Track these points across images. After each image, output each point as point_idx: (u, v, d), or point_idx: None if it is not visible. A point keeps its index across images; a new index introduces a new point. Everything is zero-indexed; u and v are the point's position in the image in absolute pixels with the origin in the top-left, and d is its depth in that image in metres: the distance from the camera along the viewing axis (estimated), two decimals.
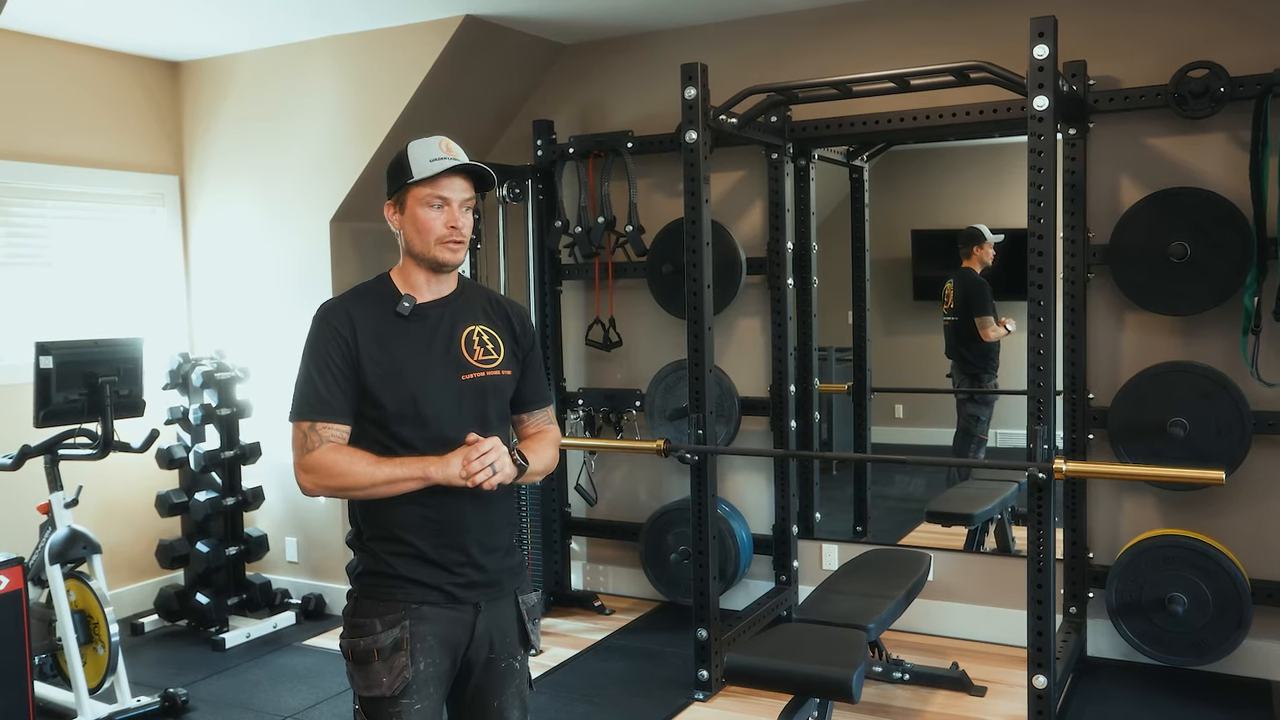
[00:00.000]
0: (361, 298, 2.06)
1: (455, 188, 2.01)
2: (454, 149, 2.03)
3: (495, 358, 2.08)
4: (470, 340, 2.06)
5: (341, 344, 1.98)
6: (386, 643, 1.96)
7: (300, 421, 1.97)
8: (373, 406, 1.99)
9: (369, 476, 1.93)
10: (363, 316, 2.01)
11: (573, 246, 4.74)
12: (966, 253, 5.42)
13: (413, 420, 1.98)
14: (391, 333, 2.01)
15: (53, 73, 4.57)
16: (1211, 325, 3.75)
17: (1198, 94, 3.63)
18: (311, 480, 1.96)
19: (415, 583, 1.99)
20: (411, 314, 2.02)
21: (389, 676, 1.95)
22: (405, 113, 4.45)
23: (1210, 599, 3.61)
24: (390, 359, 1.99)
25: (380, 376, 1.98)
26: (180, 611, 4.57)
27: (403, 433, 1.98)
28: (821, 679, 2.76)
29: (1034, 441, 3.17)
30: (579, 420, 4.84)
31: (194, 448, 4.48)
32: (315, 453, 1.95)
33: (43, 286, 4.56)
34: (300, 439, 1.97)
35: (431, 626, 1.99)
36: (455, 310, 2.08)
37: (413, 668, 1.96)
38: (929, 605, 4.22)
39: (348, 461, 1.94)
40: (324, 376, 1.97)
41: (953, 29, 4.12)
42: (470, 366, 2.04)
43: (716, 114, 3.73)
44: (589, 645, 4.32)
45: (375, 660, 1.96)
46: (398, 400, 1.98)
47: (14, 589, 3.20)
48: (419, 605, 1.98)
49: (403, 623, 1.97)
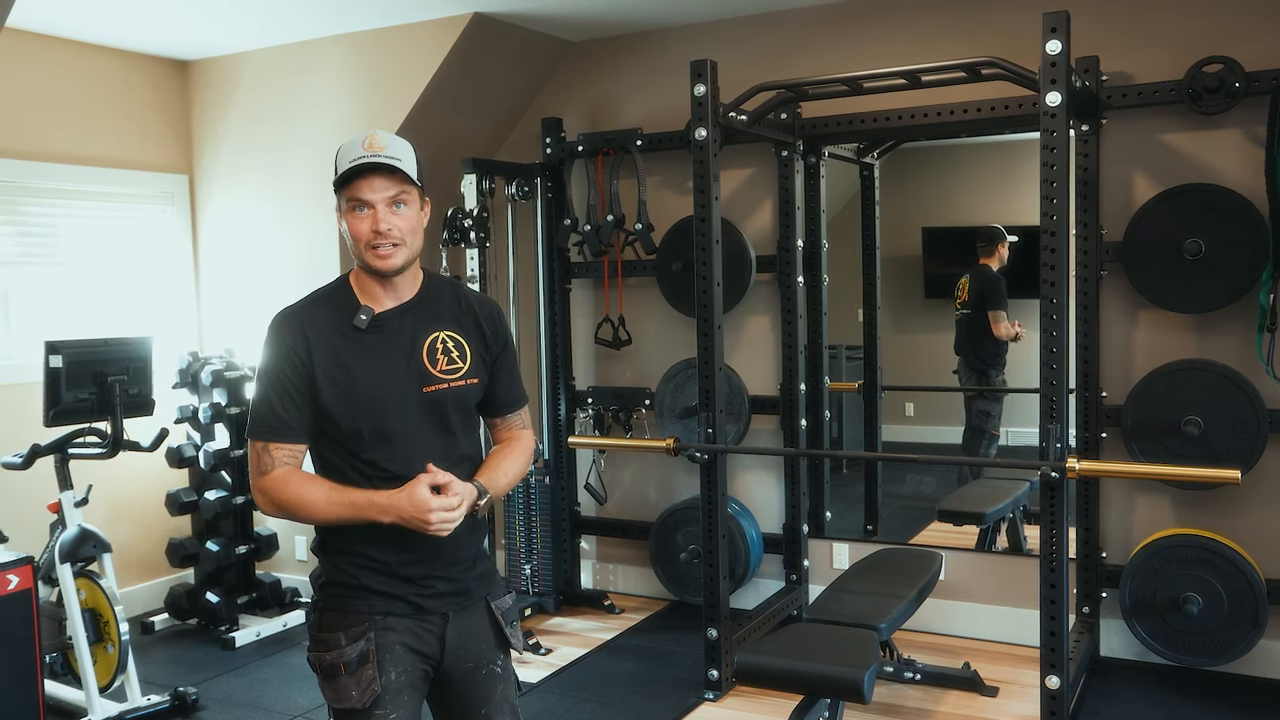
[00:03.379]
0: (318, 309, 1.97)
1: (375, 188, 1.87)
2: (380, 143, 1.88)
3: (460, 366, 1.99)
4: (433, 349, 1.97)
5: (295, 361, 1.90)
6: (352, 656, 1.91)
7: (254, 440, 1.92)
8: (331, 425, 1.92)
9: (325, 509, 1.88)
10: (318, 331, 1.92)
11: (582, 244, 4.73)
12: (987, 250, 5.42)
13: (373, 440, 1.92)
14: (348, 347, 1.92)
15: (63, 72, 4.57)
16: (1226, 323, 3.72)
17: (1212, 89, 3.60)
18: (266, 502, 1.92)
19: (380, 594, 1.93)
20: (369, 326, 1.93)
21: (358, 690, 1.90)
22: (414, 110, 4.45)
23: (1225, 599, 3.58)
24: (347, 376, 1.91)
25: (337, 396, 1.90)
26: (190, 610, 4.58)
27: (363, 452, 1.92)
28: (832, 679, 2.74)
29: (1046, 440, 3.15)
30: (588, 419, 4.83)
31: (203, 446, 4.48)
32: (270, 475, 1.90)
33: (53, 285, 4.57)
34: (255, 458, 1.92)
35: (398, 636, 1.94)
36: (417, 317, 1.98)
37: (382, 678, 1.91)
38: (941, 605, 4.20)
39: (301, 491, 1.89)
40: (278, 395, 1.90)
41: (964, 25, 4.09)
42: (432, 378, 1.96)
43: (726, 111, 3.71)
44: (598, 644, 4.30)
45: (343, 674, 1.91)
46: (356, 419, 1.91)
47: (25, 588, 3.20)
48: (384, 616, 1.93)
49: (368, 635, 1.92)
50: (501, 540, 4.81)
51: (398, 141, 1.93)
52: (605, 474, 4.87)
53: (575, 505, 4.91)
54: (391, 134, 1.94)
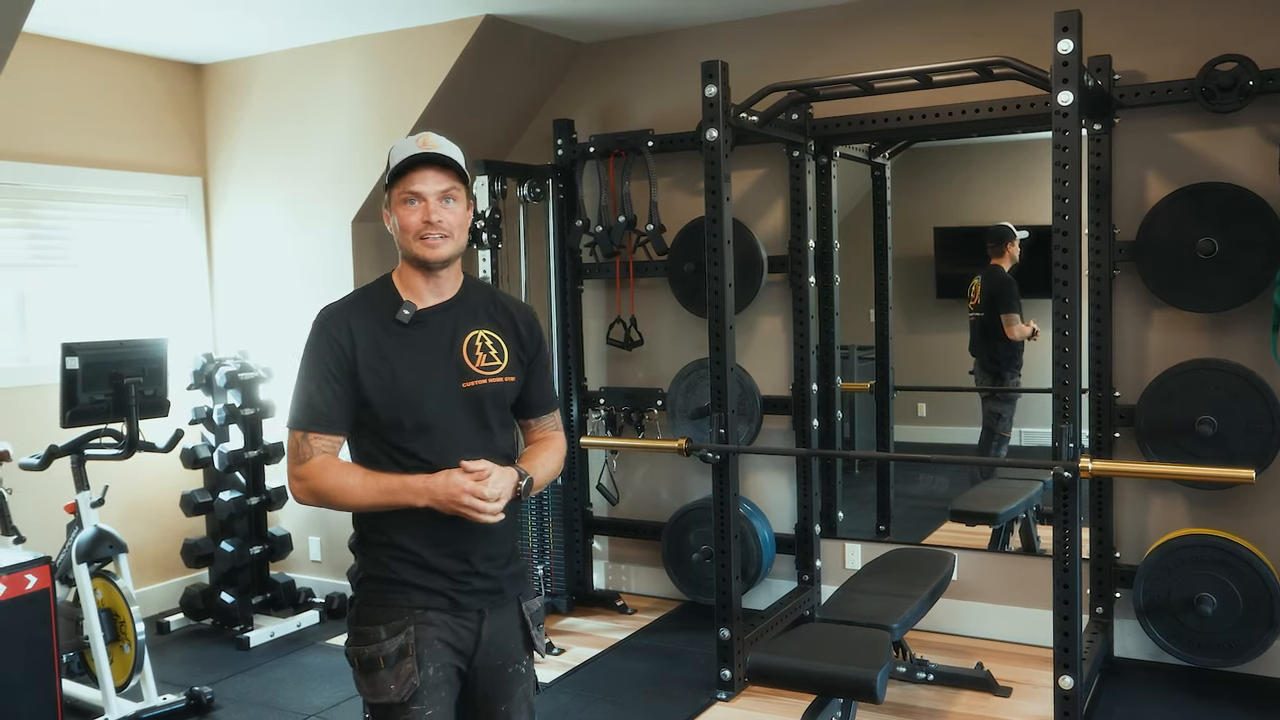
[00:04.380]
0: (362, 304, 2.03)
1: (428, 180, 1.97)
2: (433, 142, 1.98)
3: (498, 364, 2.04)
4: (473, 346, 2.03)
5: (339, 354, 1.95)
6: (392, 649, 1.93)
7: (294, 430, 1.96)
8: (371, 416, 1.96)
9: (361, 494, 1.91)
10: (362, 325, 1.98)
11: (593, 245, 4.74)
12: (997, 250, 5.39)
13: (413, 431, 1.95)
14: (391, 341, 1.98)
15: (78, 76, 4.61)
16: (1240, 322, 3.71)
17: (1226, 88, 3.59)
18: (303, 489, 1.94)
19: (419, 589, 1.96)
20: (412, 321, 1.99)
21: (396, 683, 1.92)
22: (426, 112, 4.46)
23: (1240, 599, 3.56)
24: (390, 369, 1.95)
25: (379, 387, 1.95)
26: (205, 610, 4.60)
27: (403, 443, 1.96)
28: (845, 679, 2.74)
29: (1059, 440, 3.14)
30: (600, 419, 4.84)
31: (218, 448, 4.51)
32: (309, 463, 1.93)
33: (69, 288, 4.60)
34: (294, 447, 1.95)
35: (437, 632, 1.96)
36: (457, 314, 2.04)
37: (420, 673, 1.94)
38: (953, 605, 4.19)
39: (339, 478, 1.91)
40: (320, 387, 1.94)
41: (975, 24, 4.09)
42: (472, 374, 2.01)
43: (737, 112, 3.72)
44: (611, 645, 4.31)
45: (382, 668, 1.93)
46: (397, 411, 1.95)
47: (42, 588, 3.22)
48: (423, 611, 1.96)
49: (407, 629, 1.94)
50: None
51: (448, 143, 2.02)
52: (617, 474, 4.88)
53: (587, 506, 4.92)
54: (442, 137, 2.03)
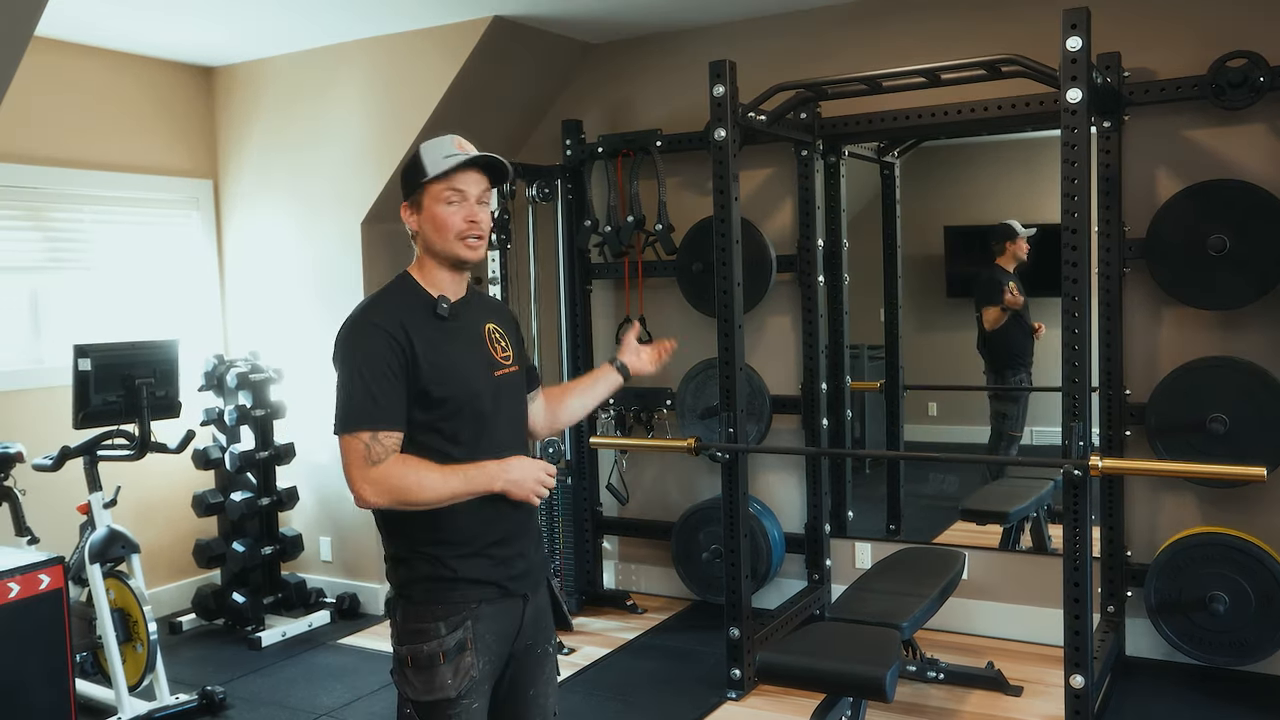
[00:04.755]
0: (399, 301, 2.03)
1: (470, 181, 2.01)
2: (467, 146, 2.03)
3: (510, 355, 2.12)
4: (492, 338, 2.10)
5: (398, 350, 1.93)
6: (451, 644, 1.95)
7: (359, 432, 1.90)
8: (426, 408, 1.96)
9: (443, 485, 1.92)
10: (411, 320, 1.98)
11: (602, 245, 4.75)
12: (999, 249, 5.36)
13: (469, 417, 1.99)
14: (438, 334, 2.00)
15: (89, 80, 4.63)
16: (1251, 319, 3.69)
17: (1236, 84, 3.57)
18: (376, 491, 1.90)
19: (474, 582, 1.98)
20: (449, 314, 2.03)
21: (454, 678, 1.94)
22: (435, 114, 4.48)
23: (1252, 598, 3.55)
24: (445, 358, 1.98)
25: (438, 379, 1.96)
26: (217, 610, 4.63)
27: (459, 432, 1.99)
28: (855, 678, 2.74)
29: (1070, 438, 3.13)
30: (610, 419, 4.85)
31: (229, 448, 4.53)
32: (383, 465, 1.89)
33: (81, 290, 4.63)
34: (362, 450, 1.90)
35: (489, 624, 1.99)
36: (475, 310, 2.11)
37: (478, 667, 1.97)
38: (964, 604, 4.19)
39: (418, 474, 1.91)
40: (381, 384, 1.91)
41: (983, 22, 4.08)
42: (498, 363, 2.08)
43: (745, 111, 3.72)
44: (621, 644, 4.32)
45: (441, 663, 1.94)
46: (457, 399, 1.98)
47: (55, 588, 3.24)
48: (478, 604, 1.98)
49: (466, 624, 1.96)
50: None
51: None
52: (627, 474, 4.88)
53: (597, 505, 4.92)
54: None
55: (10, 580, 3.13)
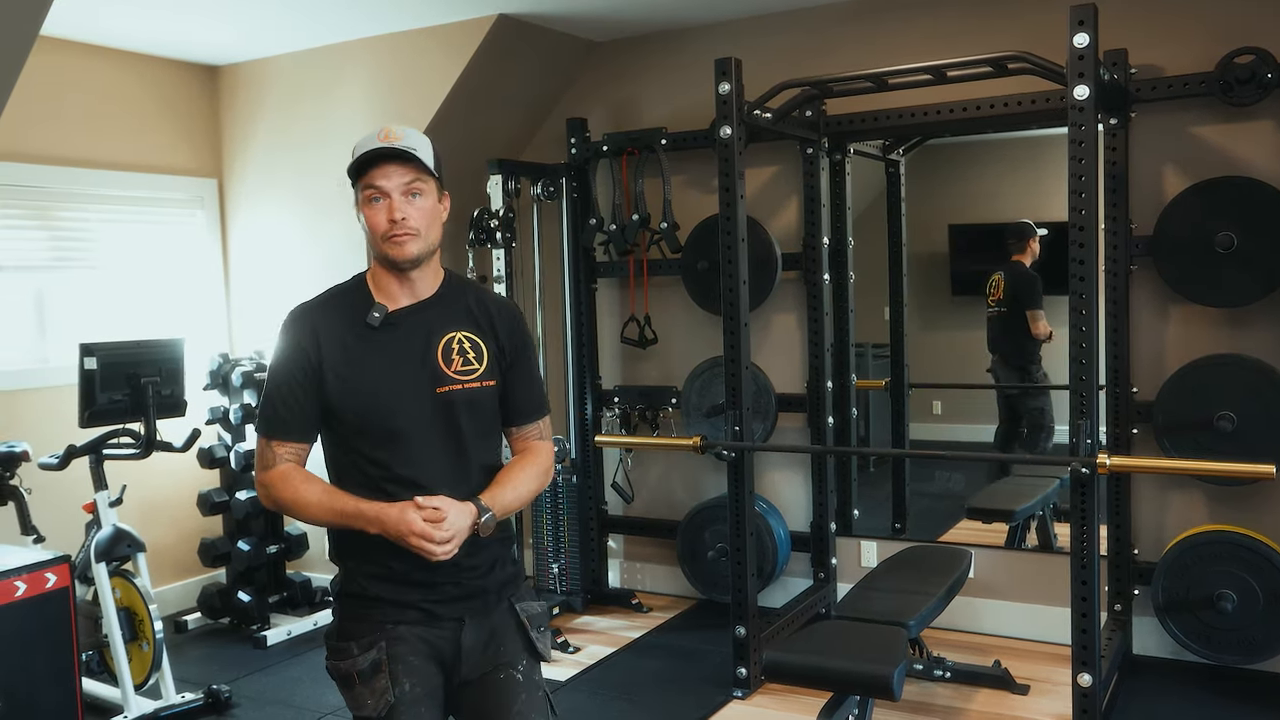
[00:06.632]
0: (331, 306, 1.96)
1: (390, 175, 1.86)
2: (394, 134, 1.88)
3: (475, 368, 1.94)
4: (449, 349, 1.93)
5: (303, 358, 1.89)
6: (365, 665, 1.88)
7: (260, 436, 1.94)
8: (339, 423, 1.91)
9: (317, 512, 1.88)
10: (329, 327, 1.91)
11: (607, 244, 4.74)
12: (1018, 246, 5.35)
13: (381, 439, 1.89)
14: (360, 344, 1.90)
15: (94, 78, 4.64)
16: (1259, 316, 3.68)
17: (1244, 80, 3.56)
18: (265, 496, 1.92)
19: (390, 603, 1.91)
20: (382, 324, 1.91)
21: (373, 699, 1.88)
22: (440, 112, 4.47)
23: (1260, 596, 3.53)
24: (356, 374, 1.89)
25: (345, 392, 1.88)
26: (222, 609, 4.63)
27: (371, 452, 1.89)
28: (862, 676, 2.73)
29: (1077, 435, 3.13)
30: (615, 418, 4.84)
31: (234, 447, 4.53)
32: (270, 471, 1.91)
33: (87, 289, 4.63)
34: (260, 452, 1.94)
35: (410, 646, 1.90)
36: (433, 316, 1.95)
37: (396, 689, 1.88)
38: (970, 603, 4.18)
39: (299, 490, 1.88)
40: (283, 393, 1.90)
41: (989, 19, 4.06)
42: (446, 378, 1.91)
43: (751, 109, 3.71)
44: (626, 643, 4.31)
45: (357, 684, 1.89)
46: (363, 416, 1.89)
47: (61, 586, 3.24)
48: (395, 625, 1.90)
49: (379, 644, 1.89)
50: (529, 539, 4.84)
51: (414, 134, 1.92)
52: (632, 473, 4.88)
53: (602, 504, 4.92)
54: (409, 128, 1.93)
55: (17, 579, 3.13)
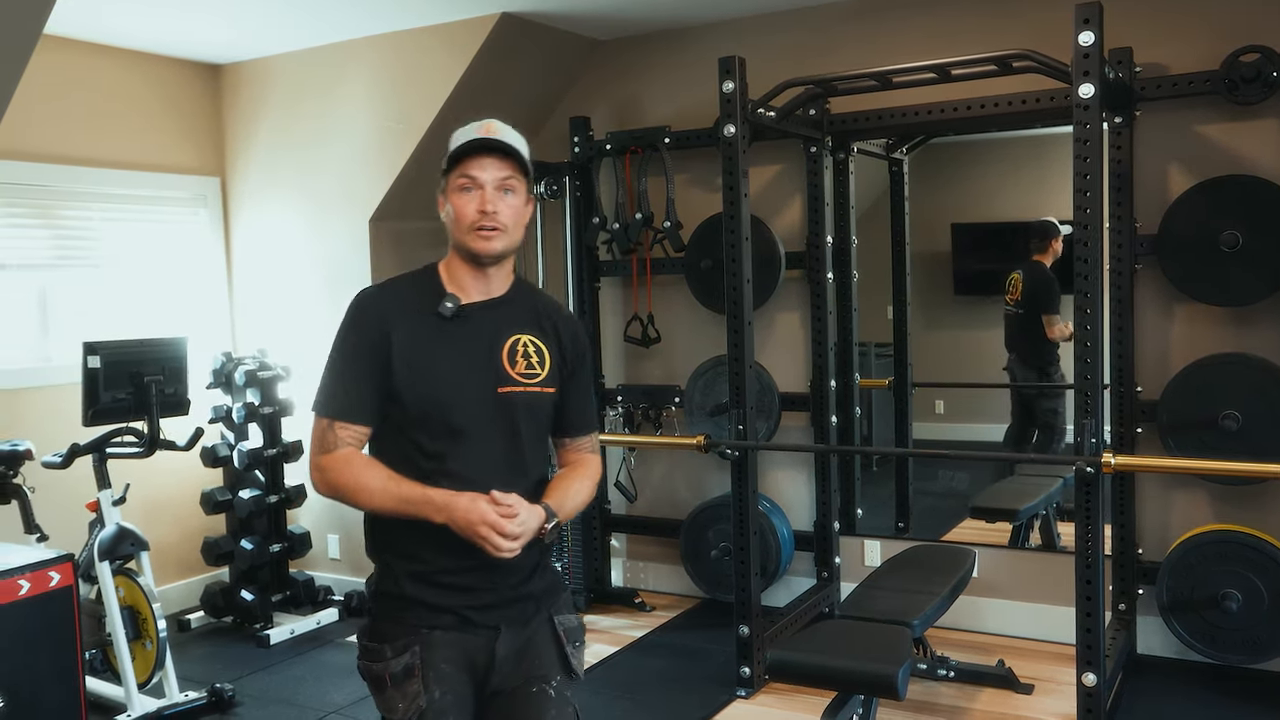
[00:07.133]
0: (402, 291, 1.94)
1: (486, 167, 1.86)
2: (496, 129, 1.89)
3: (538, 373, 1.93)
4: (514, 350, 1.92)
5: (373, 342, 1.86)
6: (398, 669, 1.85)
7: (320, 417, 1.87)
8: (399, 409, 1.86)
9: (380, 497, 1.82)
10: (399, 312, 1.89)
11: (610, 243, 4.74)
12: (1040, 246, 5.31)
13: (439, 429, 1.86)
14: (429, 333, 1.88)
15: (97, 77, 4.63)
16: (1264, 315, 3.67)
17: (1249, 79, 3.55)
18: (322, 480, 1.86)
19: (427, 606, 1.87)
20: (454, 315, 1.89)
21: (404, 703, 1.84)
22: (443, 111, 4.47)
23: (1265, 596, 3.52)
24: (423, 361, 1.86)
25: (410, 380, 1.85)
26: (226, 608, 4.63)
27: (428, 444, 1.86)
28: (866, 676, 2.73)
29: (1081, 435, 3.12)
30: (618, 417, 4.83)
31: (237, 446, 4.53)
32: (333, 454, 1.85)
33: (90, 287, 4.63)
34: (319, 434, 1.87)
35: (444, 653, 1.86)
36: (502, 315, 1.93)
37: (426, 696, 1.84)
38: (974, 602, 4.17)
39: (360, 475, 1.83)
40: (349, 374, 1.86)
41: (993, 17, 4.06)
42: (509, 379, 1.90)
43: (754, 107, 3.70)
44: (630, 642, 4.31)
45: (388, 686, 1.86)
46: (425, 406, 1.85)
47: (65, 585, 3.24)
48: (430, 630, 1.86)
49: (413, 648, 1.85)
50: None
51: (513, 132, 1.93)
52: (635, 472, 4.87)
53: (605, 503, 4.92)
54: (508, 125, 1.93)
55: (20, 578, 3.12)
